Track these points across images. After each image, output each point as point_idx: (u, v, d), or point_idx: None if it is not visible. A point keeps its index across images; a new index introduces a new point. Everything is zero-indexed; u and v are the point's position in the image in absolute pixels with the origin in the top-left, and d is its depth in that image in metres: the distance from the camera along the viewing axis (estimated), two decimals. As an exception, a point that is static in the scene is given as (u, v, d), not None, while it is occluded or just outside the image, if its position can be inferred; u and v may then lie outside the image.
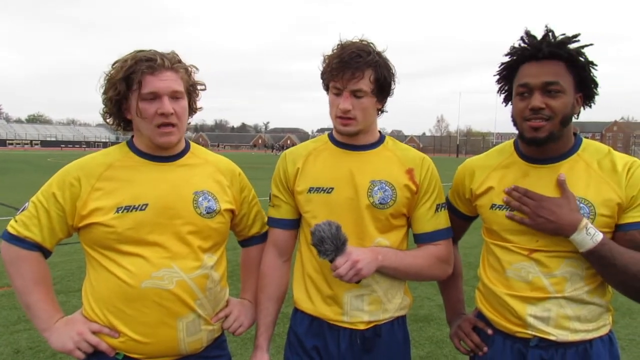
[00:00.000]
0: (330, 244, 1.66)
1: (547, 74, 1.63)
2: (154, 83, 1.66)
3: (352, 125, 1.82)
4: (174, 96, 1.70)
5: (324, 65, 1.82)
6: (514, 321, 1.74)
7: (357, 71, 1.75)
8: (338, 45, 1.81)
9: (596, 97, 1.71)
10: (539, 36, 1.67)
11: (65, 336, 1.70)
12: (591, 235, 1.58)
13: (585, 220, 1.59)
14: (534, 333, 1.71)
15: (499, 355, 1.80)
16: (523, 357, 1.74)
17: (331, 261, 1.69)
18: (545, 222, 1.63)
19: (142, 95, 1.66)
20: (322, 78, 1.86)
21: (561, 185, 1.66)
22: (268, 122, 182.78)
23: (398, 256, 1.84)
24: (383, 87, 1.81)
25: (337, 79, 1.77)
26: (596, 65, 1.66)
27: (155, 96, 1.67)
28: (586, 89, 1.67)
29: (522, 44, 1.68)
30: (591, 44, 1.65)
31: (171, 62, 1.71)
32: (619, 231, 1.65)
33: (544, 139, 1.66)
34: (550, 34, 1.66)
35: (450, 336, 2.02)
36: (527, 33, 1.69)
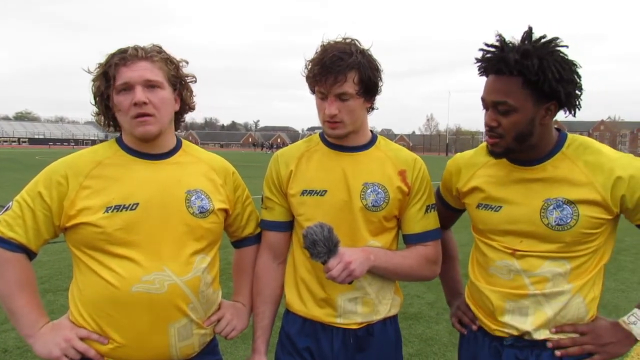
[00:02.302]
0: (322, 246, 1.65)
1: (497, 92, 1.59)
2: (126, 73, 1.62)
3: (340, 128, 1.81)
4: (149, 85, 1.64)
5: (307, 70, 1.80)
6: (492, 315, 1.76)
7: (340, 75, 1.72)
8: (320, 47, 1.79)
9: (580, 102, 1.63)
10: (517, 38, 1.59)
11: (51, 343, 1.62)
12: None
13: (628, 326, 1.66)
14: (510, 332, 1.72)
15: (480, 351, 1.83)
16: (499, 355, 1.76)
17: (324, 263, 1.68)
18: (614, 350, 1.67)
19: (116, 88, 1.63)
20: (306, 82, 1.84)
21: (575, 330, 1.69)
22: (258, 121, 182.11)
23: (388, 256, 1.85)
24: (369, 86, 1.78)
25: (320, 84, 1.75)
26: (566, 77, 1.55)
27: (128, 87, 1.62)
28: (558, 99, 1.59)
29: (485, 54, 1.63)
30: (554, 48, 1.57)
31: (146, 52, 1.66)
32: None
33: (500, 154, 1.68)
34: (507, 46, 1.58)
35: (451, 316, 2.04)
36: (487, 44, 1.63)
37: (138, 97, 1.61)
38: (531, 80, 1.54)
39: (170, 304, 1.65)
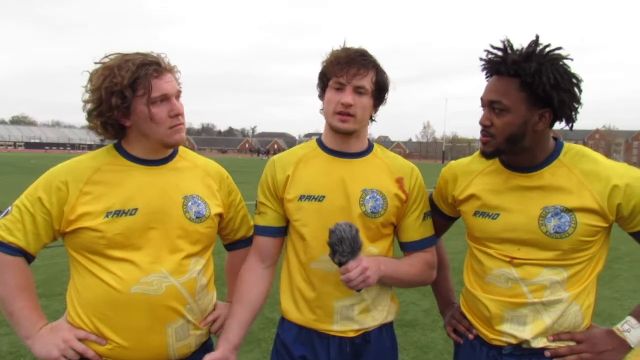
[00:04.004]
0: (348, 245, 1.65)
1: (493, 91, 1.65)
2: (163, 86, 1.66)
3: (351, 122, 1.82)
4: (179, 96, 1.73)
5: (327, 61, 1.84)
6: (489, 324, 1.76)
7: (363, 68, 1.79)
8: (341, 47, 1.84)
9: (576, 115, 1.64)
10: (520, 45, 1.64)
11: (50, 344, 1.65)
12: (634, 335, 1.66)
13: (622, 334, 1.66)
14: (508, 340, 1.72)
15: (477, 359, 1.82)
16: None
17: (341, 263, 1.67)
18: (609, 358, 1.67)
19: (152, 99, 1.65)
20: (322, 75, 1.86)
21: (572, 338, 1.69)
22: (255, 127, 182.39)
23: (395, 265, 1.87)
24: (381, 91, 1.86)
25: (342, 73, 1.79)
26: (563, 85, 1.58)
27: (164, 98, 1.67)
28: (553, 106, 1.60)
29: (488, 56, 1.68)
30: (556, 56, 1.60)
31: (169, 65, 1.72)
32: None
33: (490, 154, 1.71)
34: (510, 49, 1.63)
35: (445, 325, 2.03)
36: (492, 46, 1.68)
37: (180, 109, 1.71)
38: (527, 82, 1.58)
39: (167, 305, 1.68)
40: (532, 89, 1.59)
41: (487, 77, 1.72)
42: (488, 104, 1.66)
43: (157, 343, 1.69)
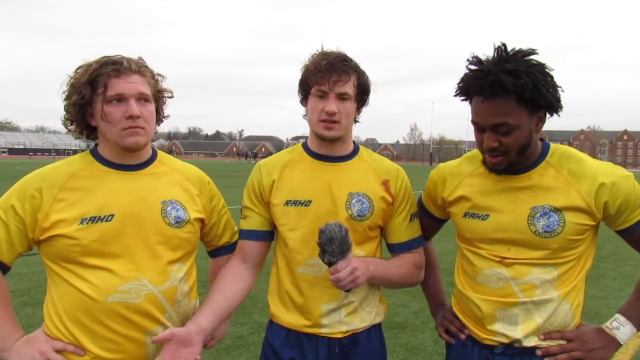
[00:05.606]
0: (337, 245, 1.65)
1: (494, 114, 1.59)
2: (120, 85, 1.61)
3: (336, 129, 1.82)
4: (141, 98, 1.65)
5: (307, 69, 1.82)
6: (481, 324, 1.77)
7: (344, 74, 1.77)
8: (319, 52, 1.83)
9: (564, 104, 1.66)
10: (492, 58, 1.60)
11: (26, 355, 1.60)
12: (623, 332, 1.68)
13: (612, 331, 1.69)
14: (500, 340, 1.73)
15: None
16: None
17: (331, 263, 1.67)
18: (600, 355, 1.69)
19: (107, 98, 1.61)
20: (303, 84, 1.85)
21: (562, 336, 1.71)
22: (242, 130, 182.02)
23: (384, 266, 1.87)
24: (364, 93, 1.85)
25: (324, 81, 1.77)
26: (552, 84, 1.59)
27: (121, 99, 1.61)
28: (548, 107, 1.63)
29: (469, 75, 1.63)
30: (535, 61, 1.59)
31: (138, 66, 1.66)
32: (626, 234, 1.69)
33: (504, 170, 1.70)
34: (492, 68, 1.56)
35: (436, 327, 2.04)
36: (474, 63, 1.63)
37: (134, 111, 1.61)
38: (526, 98, 1.56)
39: (146, 314, 1.64)
40: (531, 101, 1.58)
41: (463, 94, 1.67)
42: (491, 127, 1.62)
43: (136, 353, 1.65)
